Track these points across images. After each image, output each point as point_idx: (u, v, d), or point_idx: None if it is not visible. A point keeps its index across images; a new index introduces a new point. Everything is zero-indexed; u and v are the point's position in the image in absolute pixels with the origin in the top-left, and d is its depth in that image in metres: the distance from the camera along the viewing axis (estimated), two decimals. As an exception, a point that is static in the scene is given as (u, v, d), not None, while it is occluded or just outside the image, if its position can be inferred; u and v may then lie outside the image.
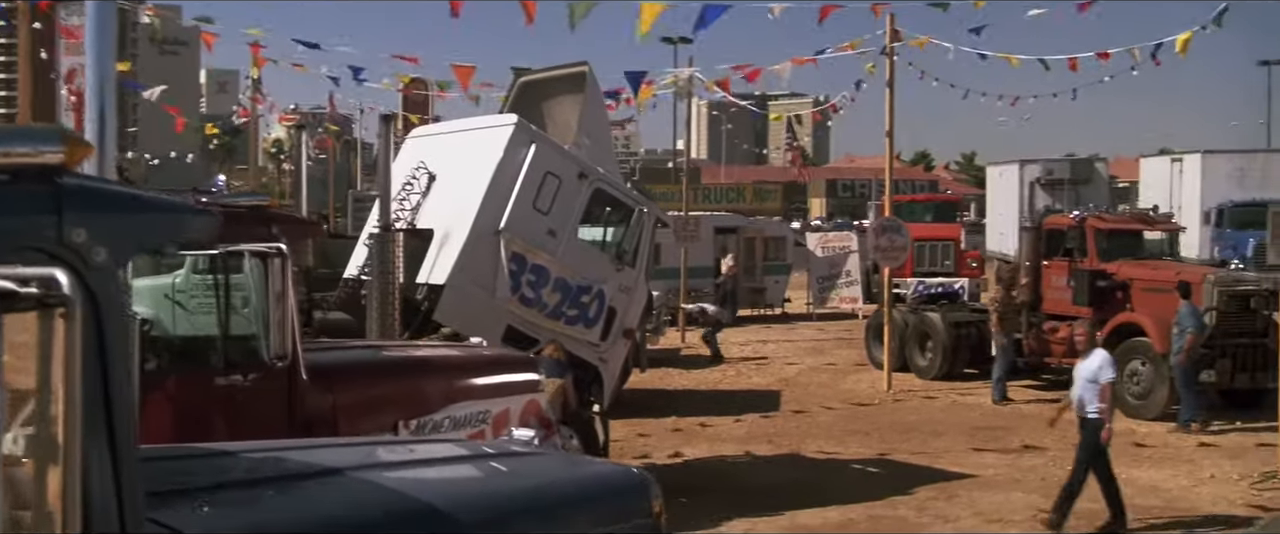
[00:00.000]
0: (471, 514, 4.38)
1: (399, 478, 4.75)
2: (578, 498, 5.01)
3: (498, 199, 13.56)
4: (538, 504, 4.72)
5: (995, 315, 20.17)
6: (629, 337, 14.86)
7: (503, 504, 4.62)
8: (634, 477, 5.40)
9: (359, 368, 9.33)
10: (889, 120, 21.48)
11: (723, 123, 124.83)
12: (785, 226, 37.91)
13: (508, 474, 5.22)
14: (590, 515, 4.93)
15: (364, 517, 4.16)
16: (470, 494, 4.77)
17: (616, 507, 5.10)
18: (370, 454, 5.29)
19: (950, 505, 13.48)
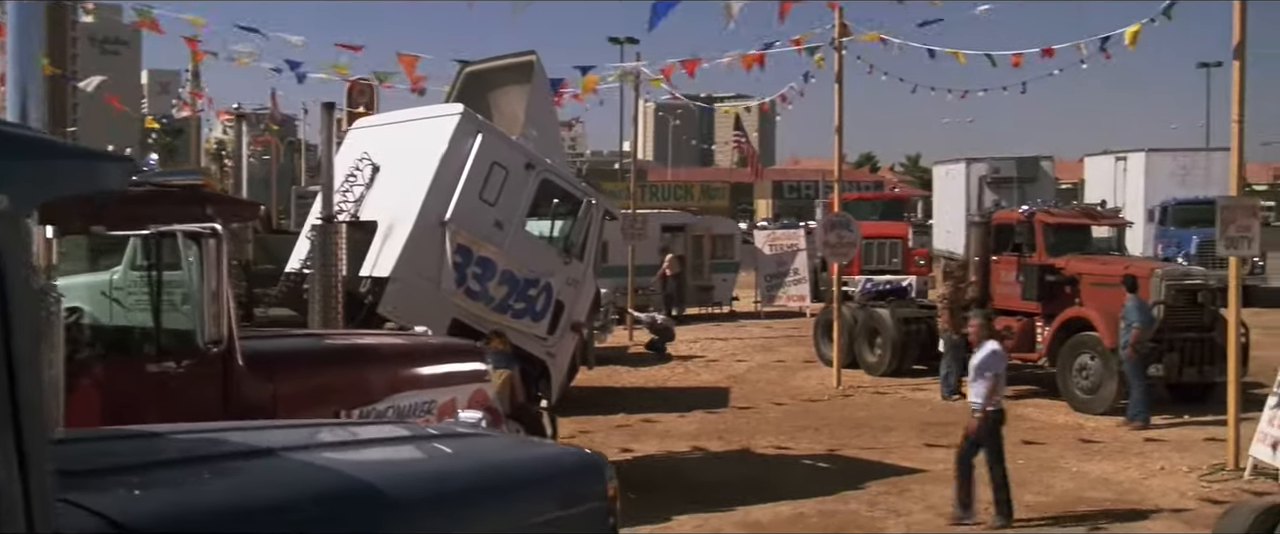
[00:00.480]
0: (413, 493, 4.14)
1: (337, 458, 4.49)
2: (528, 478, 4.78)
3: (443, 190, 13.27)
4: (485, 484, 4.48)
5: (945, 311, 20.03)
6: (577, 331, 14.62)
7: (447, 484, 4.38)
8: (587, 458, 5.19)
9: (299, 356, 9.03)
10: (838, 115, 21.39)
11: (670, 121, 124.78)
12: (733, 224, 37.78)
13: (453, 455, 4.98)
14: (541, 497, 4.71)
15: (297, 495, 3.90)
16: (413, 474, 4.54)
17: (568, 488, 4.88)
18: (308, 435, 5.03)
19: (902, 500, 13.38)
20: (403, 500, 4.04)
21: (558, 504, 4.78)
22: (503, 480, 4.52)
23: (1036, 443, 16.42)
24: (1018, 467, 14.95)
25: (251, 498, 3.80)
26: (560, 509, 4.77)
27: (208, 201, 7.94)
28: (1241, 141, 14.11)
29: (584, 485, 4.92)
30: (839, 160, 21.83)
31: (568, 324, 14.24)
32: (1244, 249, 14.31)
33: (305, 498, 3.88)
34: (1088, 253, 20.81)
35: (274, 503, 3.80)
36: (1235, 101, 14.02)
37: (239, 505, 3.72)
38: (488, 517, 4.32)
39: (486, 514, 4.31)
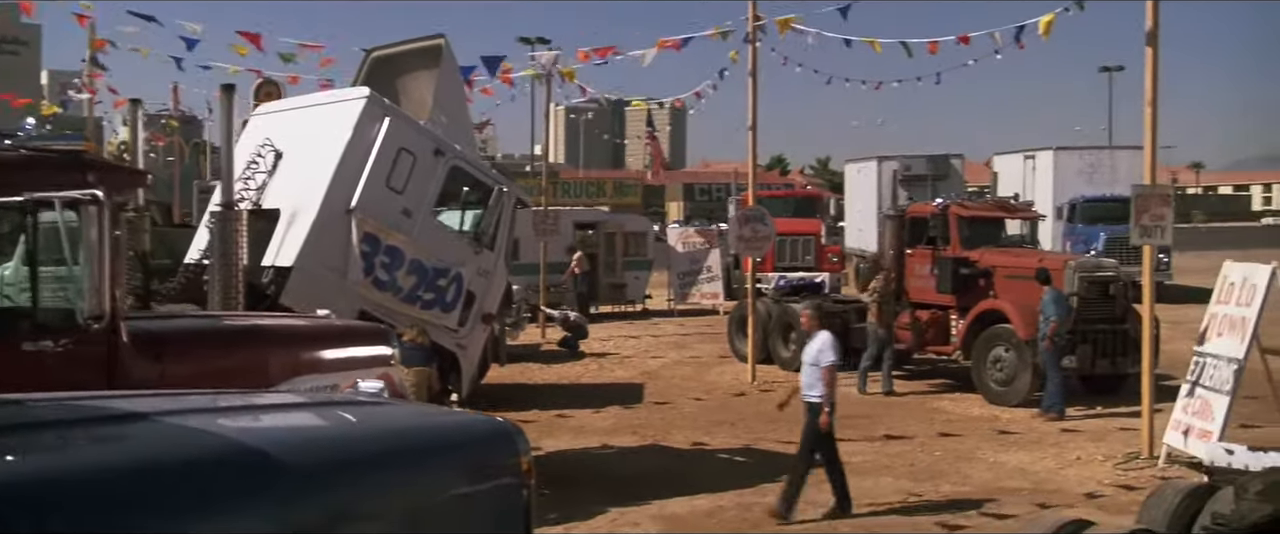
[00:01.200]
0: (301, 457, 3.77)
1: (223, 422, 4.11)
2: (432, 445, 4.43)
3: (348, 177, 12.82)
4: (384, 450, 4.13)
5: (874, 305, 19.82)
6: (488, 322, 14.23)
7: (342, 448, 4.02)
8: (499, 427, 4.85)
9: (191, 335, 8.56)
10: (752, 110, 21.18)
11: (581, 122, 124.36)
12: (646, 222, 37.50)
13: (354, 421, 4.61)
14: (447, 464, 4.36)
15: (173, 458, 3.52)
16: (304, 437, 4.16)
17: (479, 457, 4.54)
18: (193, 401, 4.63)
19: (820, 491, 13.14)
20: (290, 464, 3.68)
21: (465, 472, 4.44)
22: (403, 446, 4.18)
23: (953, 435, 16.36)
24: (935, 458, 14.93)
25: (117, 460, 3.42)
26: (468, 477, 4.44)
27: (89, 168, 7.43)
28: (1155, 127, 14.09)
29: (494, 454, 4.58)
30: (753, 154, 21.63)
31: (479, 315, 13.85)
32: (1157, 238, 14.30)
33: (187, 461, 3.50)
34: (1001, 246, 20.84)
35: (138, 465, 3.41)
36: (1148, 86, 14.01)
37: (102, 466, 3.34)
38: (387, 482, 3.97)
39: (385, 479, 3.96)
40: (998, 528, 11.41)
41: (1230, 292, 13.95)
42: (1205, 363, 13.94)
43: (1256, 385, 14.38)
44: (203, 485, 3.40)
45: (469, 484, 4.40)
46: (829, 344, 12.08)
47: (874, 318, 19.74)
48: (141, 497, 3.28)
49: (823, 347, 12.03)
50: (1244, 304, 13.59)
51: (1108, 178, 35.11)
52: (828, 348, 12.04)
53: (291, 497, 3.61)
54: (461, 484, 4.37)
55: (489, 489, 4.46)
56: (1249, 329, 13.36)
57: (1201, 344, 14.17)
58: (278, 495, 3.57)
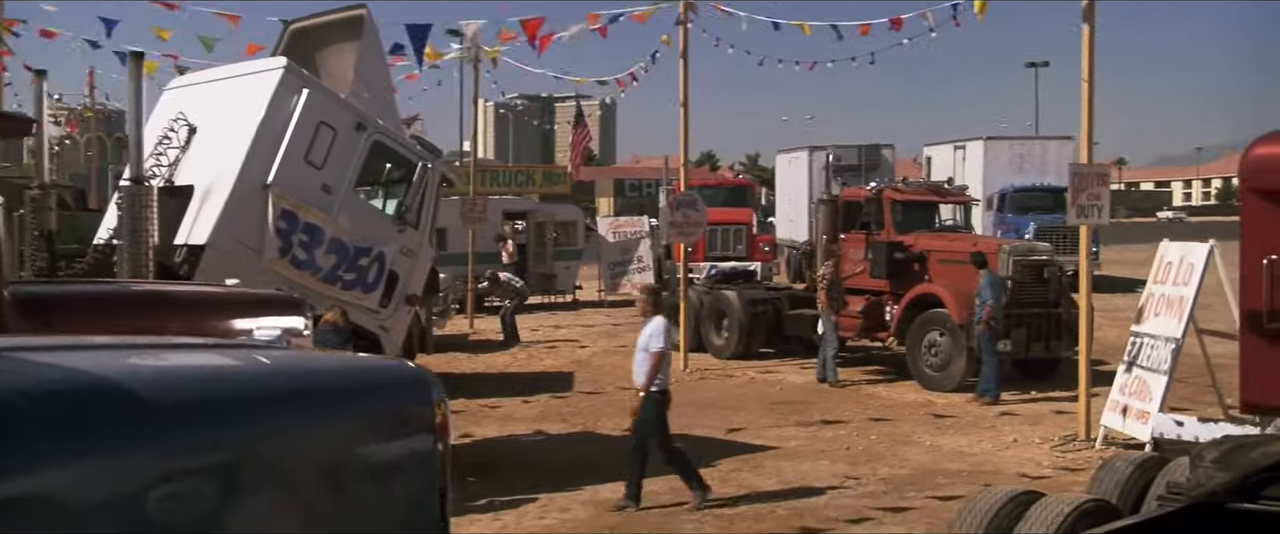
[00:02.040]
0: (169, 396, 3.34)
1: (86, 357, 3.66)
2: (336, 388, 4.00)
3: (265, 151, 12.26)
4: (281, 390, 3.70)
5: (822, 292, 19.35)
6: (412, 304, 13.72)
7: (232, 387, 3.59)
8: (411, 372, 4.44)
9: (84, 300, 8.04)
10: (683, 89, 20.84)
11: (510, 115, 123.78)
12: (577, 210, 37.01)
13: (243, 362, 4.18)
14: (352, 409, 3.94)
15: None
16: (177, 376, 3.72)
17: (389, 405, 4.11)
18: (54, 341, 4.18)
19: (754, 476, 12.93)
20: (165, 401, 3.25)
21: (371, 418, 4.02)
22: (299, 386, 3.76)
23: (888, 420, 16.15)
24: (871, 442, 14.69)
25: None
26: (374, 424, 4.01)
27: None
28: (1091, 105, 13.92)
29: (405, 402, 4.17)
30: (685, 139, 21.27)
31: (402, 296, 13.35)
32: (1095, 217, 14.12)
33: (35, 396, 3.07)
34: (935, 230, 20.67)
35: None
36: (1085, 64, 13.84)
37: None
38: (280, 423, 3.55)
39: (278, 420, 3.55)
40: (940, 508, 11.11)
41: (1167, 271, 13.81)
42: (1142, 343, 13.80)
43: (1186, 370, 14.30)
44: (54, 419, 2.98)
45: (375, 431, 4.00)
46: (660, 329, 11.58)
47: (823, 305, 19.29)
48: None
49: (654, 332, 11.55)
50: (1182, 283, 13.45)
51: (1037, 167, 35.27)
52: (659, 333, 11.53)
53: (167, 434, 3.21)
54: (366, 430, 3.96)
55: (398, 438, 4.07)
56: (1186, 308, 13.22)
57: (1139, 324, 14.03)
58: (150, 432, 3.16)
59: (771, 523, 11.04)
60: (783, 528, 10.86)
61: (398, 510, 4.00)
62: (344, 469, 3.83)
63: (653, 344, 11.49)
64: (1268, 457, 6.36)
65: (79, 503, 3.11)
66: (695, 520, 11.17)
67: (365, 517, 3.86)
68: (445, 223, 29.61)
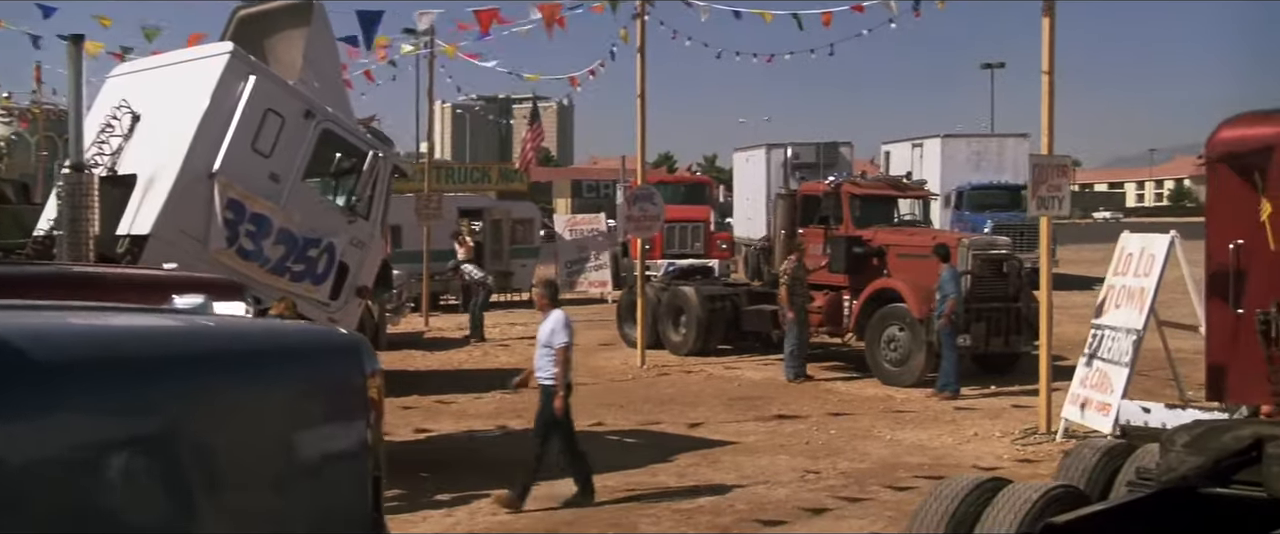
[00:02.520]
0: (81, 352, 3.09)
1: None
2: (259, 351, 3.74)
3: (211, 138, 11.91)
4: (202, 351, 3.44)
5: (783, 288, 18.97)
6: (362, 296, 13.41)
7: (148, 347, 3.33)
8: (341, 338, 4.17)
9: (16, 280, 7.69)
10: (640, 85, 20.61)
11: (468, 121, 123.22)
12: (534, 208, 36.63)
13: (163, 323, 3.92)
14: (279, 374, 3.67)
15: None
16: (91, 334, 3.46)
17: (317, 370, 3.84)
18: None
19: (713, 470, 12.74)
20: (75, 358, 3.00)
21: (296, 383, 3.74)
22: (220, 348, 3.50)
23: (847, 414, 16.02)
24: (830, 436, 14.53)
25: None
26: (299, 389, 3.74)
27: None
28: (1052, 96, 13.80)
29: (337, 368, 3.90)
30: (641, 133, 21.02)
31: (352, 289, 13.03)
32: (1055, 209, 14.00)
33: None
34: (894, 224, 20.54)
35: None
36: (1045, 55, 13.72)
37: None
38: (195, 384, 3.29)
39: (193, 381, 3.28)
40: (901, 501, 10.94)
41: (1128, 262, 13.70)
42: (1103, 335, 13.69)
43: (1146, 363, 14.23)
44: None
45: (301, 397, 3.73)
46: (562, 324, 11.32)
47: (783, 301, 19.02)
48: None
49: (556, 326, 11.29)
50: (1142, 275, 13.34)
51: (994, 165, 35.32)
52: (561, 328, 11.28)
53: (76, 390, 2.96)
54: (291, 396, 3.70)
55: (326, 406, 3.79)
56: (1147, 300, 13.11)
57: (1099, 316, 13.92)
58: (58, 390, 2.91)
59: (731, 517, 10.84)
60: (742, 521, 10.66)
61: (325, 482, 3.73)
62: (266, 436, 3.57)
63: (557, 339, 11.22)
64: (1239, 440, 6.20)
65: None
66: (652, 516, 10.94)
67: (289, 486, 3.60)
68: (400, 220, 29.31)
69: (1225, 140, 8.42)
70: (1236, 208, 8.36)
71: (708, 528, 10.52)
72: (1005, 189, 33.92)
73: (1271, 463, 6.01)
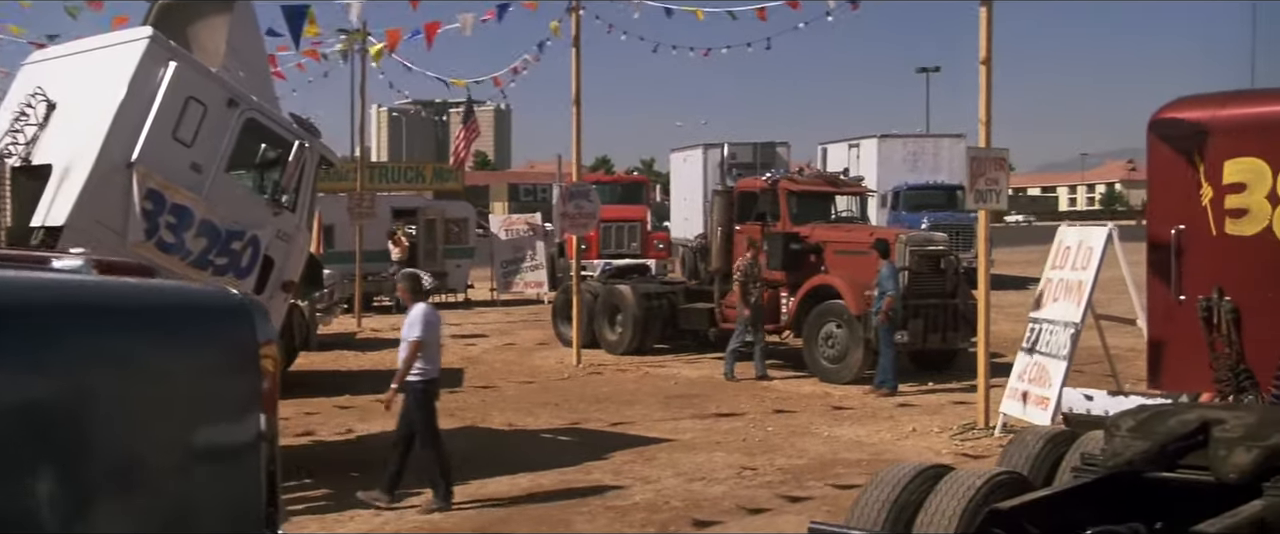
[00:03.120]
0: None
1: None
2: (141, 308, 3.40)
3: (129, 126, 11.44)
4: (73, 305, 3.12)
5: (737, 284, 18.63)
6: (288, 291, 12.97)
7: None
8: (232, 298, 3.83)
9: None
10: (575, 80, 20.36)
11: (403, 124, 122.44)
12: (469, 208, 36.15)
13: (27, 275, 3.60)
14: (158, 332, 3.33)
15: None
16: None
17: (201, 329, 3.50)
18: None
19: (649, 467, 12.51)
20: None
21: (185, 346, 3.40)
22: (91, 302, 3.18)
23: (785, 412, 15.85)
24: (768, 433, 14.35)
25: None
26: (182, 349, 3.40)
27: None
28: (989, 87, 13.70)
29: (223, 330, 3.56)
30: (577, 129, 20.75)
31: (278, 283, 12.58)
32: (992, 202, 13.91)
33: None
34: (832, 221, 20.42)
35: None
36: (983, 44, 13.63)
37: None
38: (65, 337, 2.97)
39: (62, 334, 2.97)
40: (840, 497, 10.75)
41: (1066, 256, 13.62)
42: (1041, 328, 13.61)
43: (1083, 358, 14.18)
44: None
45: (184, 358, 3.39)
46: (418, 318, 11.02)
47: (737, 297, 18.63)
48: None
49: (412, 320, 11.02)
50: (1080, 268, 13.27)
51: (930, 165, 35.41)
52: (416, 322, 10.97)
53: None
54: (173, 355, 3.35)
55: (211, 373, 3.45)
56: (1085, 293, 13.04)
57: (1037, 309, 13.84)
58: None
59: (666, 514, 10.61)
60: (677, 519, 10.43)
61: (209, 460, 3.38)
62: (137, 402, 3.23)
63: (411, 333, 10.91)
64: (1185, 424, 6.06)
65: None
66: (586, 513, 10.69)
67: (160, 463, 3.26)
68: (333, 220, 28.86)
69: (1165, 122, 8.32)
70: (1177, 192, 8.26)
71: (643, 525, 10.29)
72: (941, 189, 34.02)
73: (1218, 446, 5.87)
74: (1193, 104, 8.33)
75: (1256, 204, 7.87)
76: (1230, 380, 7.77)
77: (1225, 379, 7.80)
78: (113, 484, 3.18)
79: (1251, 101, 8.12)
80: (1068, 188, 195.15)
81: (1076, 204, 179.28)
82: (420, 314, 11.03)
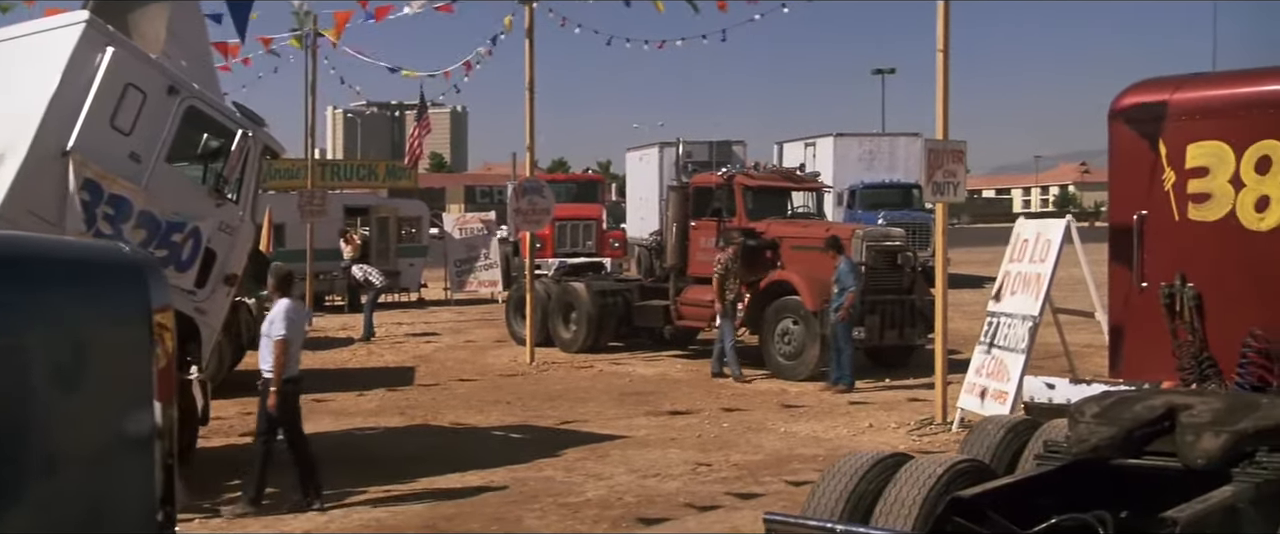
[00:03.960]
0: None
1: None
2: (15, 258, 3.03)
3: (65, 113, 11.07)
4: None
5: (716, 278, 18.05)
6: (232, 284, 12.61)
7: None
8: (119, 254, 3.48)
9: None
10: (529, 73, 20.08)
11: (359, 125, 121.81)
12: (422, 206, 35.67)
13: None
14: (19, 287, 2.93)
15: None
16: None
17: (80, 288, 3.09)
18: None
19: (602, 464, 12.28)
20: None
21: (46, 307, 2.97)
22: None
23: (740, 409, 15.62)
24: (723, 430, 14.15)
25: None
26: (52, 314, 2.96)
27: None
28: (947, 77, 13.55)
29: (113, 291, 3.18)
30: (530, 122, 20.46)
31: (221, 276, 12.23)
32: (950, 195, 13.75)
33: None
34: (788, 217, 20.23)
35: None
36: (940, 35, 13.48)
37: None
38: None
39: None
40: (795, 493, 10.53)
41: (1024, 248, 13.50)
42: (999, 322, 13.47)
43: (1041, 354, 14.07)
44: None
45: (54, 321, 2.96)
46: (280, 314, 10.66)
47: (715, 293, 18.06)
48: None
49: (274, 317, 10.66)
50: (1038, 261, 13.14)
51: (886, 164, 35.36)
52: (279, 319, 10.60)
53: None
54: (39, 318, 2.93)
55: (94, 338, 3.04)
56: (1043, 285, 12.90)
57: (996, 303, 13.69)
58: None
59: (619, 510, 10.37)
60: (630, 515, 10.19)
61: (89, 434, 2.95)
62: (20, 346, 2.82)
63: (273, 330, 10.53)
64: (1151, 410, 5.88)
65: None
66: (537, 510, 10.44)
67: (31, 432, 2.85)
68: (283, 218, 28.39)
69: (1127, 107, 8.15)
70: (1139, 178, 8.10)
71: (595, 522, 10.05)
72: (897, 188, 33.97)
73: (1186, 432, 5.70)
74: (1155, 87, 8.18)
75: (1219, 189, 7.72)
76: (1193, 368, 7.61)
77: (1188, 367, 7.64)
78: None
79: (1214, 84, 7.97)
80: (1022, 190, 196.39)
81: (1031, 205, 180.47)
82: (282, 311, 10.65)
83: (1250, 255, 7.60)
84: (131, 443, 3.16)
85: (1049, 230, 13.22)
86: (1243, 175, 7.61)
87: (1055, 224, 13.26)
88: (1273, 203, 7.51)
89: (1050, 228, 13.27)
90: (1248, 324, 7.49)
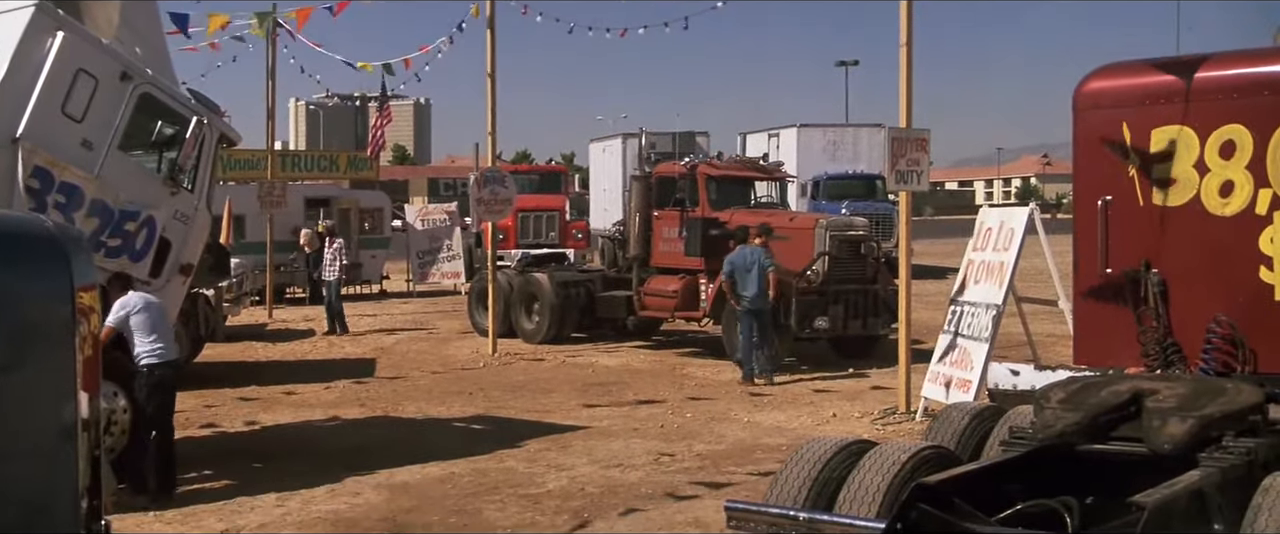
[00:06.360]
0: None
1: None
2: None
3: (14, 100, 10.85)
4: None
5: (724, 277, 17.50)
6: (187, 274, 12.40)
7: None
8: (45, 229, 3.26)
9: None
10: (490, 61, 19.92)
11: (321, 117, 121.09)
12: (383, 197, 35.40)
13: None
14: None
15: None
16: None
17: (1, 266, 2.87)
18: None
19: (564, 455, 12.14)
20: None
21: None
22: None
23: (704, 399, 15.54)
24: (686, 420, 14.06)
25: None
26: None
27: None
28: (910, 69, 13.47)
29: (30, 266, 2.93)
30: (491, 110, 20.29)
31: (176, 266, 12.04)
32: (913, 183, 13.68)
33: None
34: (751, 206, 20.14)
35: None
36: (903, 28, 13.39)
37: None
38: None
39: None
40: (760, 482, 10.45)
41: (987, 237, 13.46)
42: (963, 311, 13.44)
43: (1004, 344, 14.04)
44: None
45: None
46: (117, 303, 10.38)
47: (727, 289, 17.12)
48: None
49: (142, 307, 10.50)
50: (1001, 249, 13.10)
51: (850, 155, 35.36)
52: (114, 310, 10.29)
53: None
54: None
55: (13, 311, 2.83)
56: (1007, 274, 12.87)
57: (959, 293, 13.65)
58: None
59: (581, 501, 10.25)
60: (592, 506, 10.07)
61: (7, 403, 2.75)
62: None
63: (109, 320, 10.16)
64: (1117, 395, 5.82)
65: None
66: (498, 501, 10.30)
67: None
68: (243, 209, 28.09)
69: (1093, 92, 8.09)
70: (1104, 163, 8.04)
71: (556, 513, 9.92)
72: (861, 179, 34.00)
73: (1152, 417, 5.64)
74: (1120, 72, 8.12)
75: (1184, 174, 7.67)
76: (1158, 354, 7.56)
77: (1153, 353, 7.58)
78: None
79: (1179, 68, 7.91)
80: (984, 182, 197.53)
81: (993, 197, 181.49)
82: (119, 304, 10.36)
83: (1214, 240, 7.56)
84: (50, 428, 2.94)
85: (1012, 219, 13.19)
86: (1207, 160, 7.57)
87: (1019, 212, 13.24)
88: (1237, 188, 7.47)
89: (1013, 216, 13.24)
90: (1212, 309, 7.44)
